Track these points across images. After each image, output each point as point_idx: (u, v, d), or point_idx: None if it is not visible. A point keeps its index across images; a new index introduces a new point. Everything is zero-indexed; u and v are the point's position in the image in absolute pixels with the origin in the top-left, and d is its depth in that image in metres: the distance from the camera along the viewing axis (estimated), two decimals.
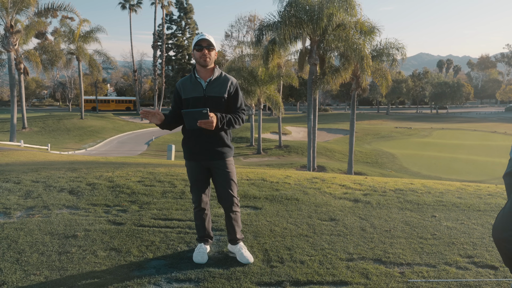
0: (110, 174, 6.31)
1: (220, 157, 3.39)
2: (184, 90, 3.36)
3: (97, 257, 3.43)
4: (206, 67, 3.33)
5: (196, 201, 3.50)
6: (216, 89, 3.34)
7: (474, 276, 3.24)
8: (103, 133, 42.29)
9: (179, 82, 3.44)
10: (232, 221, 3.48)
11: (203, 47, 3.28)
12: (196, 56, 3.31)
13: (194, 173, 3.46)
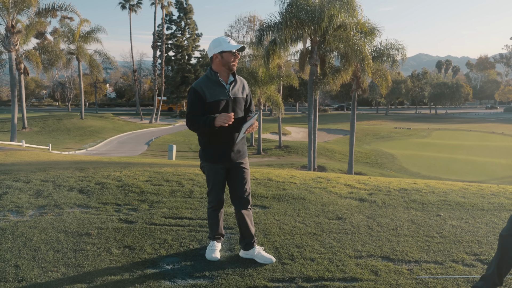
0: (118, 173, 6.38)
1: (244, 156, 3.51)
2: (209, 93, 3.30)
3: (111, 255, 3.50)
4: (231, 72, 3.38)
5: (214, 202, 3.52)
6: (238, 91, 3.42)
7: (481, 273, 3.32)
8: (103, 133, 42.32)
9: (198, 86, 3.32)
10: (247, 218, 3.49)
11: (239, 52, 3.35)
12: (228, 59, 3.31)
13: (218, 175, 3.43)
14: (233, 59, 3.32)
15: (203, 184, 5.77)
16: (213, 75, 3.36)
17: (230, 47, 3.28)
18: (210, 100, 3.30)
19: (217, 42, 3.34)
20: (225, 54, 3.31)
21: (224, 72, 3.39)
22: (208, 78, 3.38)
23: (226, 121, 3.18)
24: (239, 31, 61.78)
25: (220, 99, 3.31)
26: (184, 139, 41.25)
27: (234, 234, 4.05)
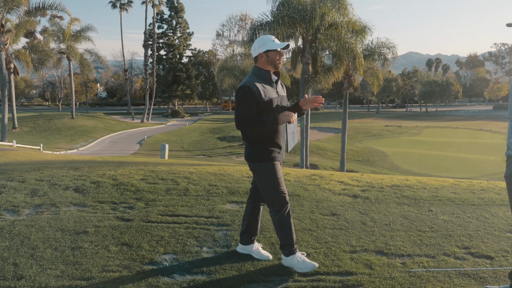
0: (112, 172, 6.40)
1: None
2: (264, 93, 3.23)
3: (109, 252, 3.54)
4: (277, 70, 3.38)
5: (285, 200, 3.29)
6: (282, 88, 3.47)
7: (472, 265, 3.41)
8: (95, 132, 42.10)
9: (252, 84, 3.20)
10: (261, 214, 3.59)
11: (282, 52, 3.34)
12: (274, 58, 3.29)
13: (280, 173, 3.34)
14: (279, 57, 3.32)
15: (198, 182, 5.82)
16: (263, 73, 3.32)
17: (275, 46, 3.27)
18: (265, 99, 3.22)
19: (261, 41, 3.31)
20: (271, 53, 3.28)
21: (269, 71, 3.36)
22: (258, 76, 3.31)
23: (289, 119, 3.16)
24: (230, 29, 61.78)
25: (273, 97, 3.28)
26: (176, 138, 41.18)
27: (230, 231, 4.10)
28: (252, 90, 3.19)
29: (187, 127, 51.40)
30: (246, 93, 3.19)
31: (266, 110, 3.23)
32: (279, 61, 3.33)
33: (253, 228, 3.55)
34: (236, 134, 41.46)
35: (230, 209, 4.76)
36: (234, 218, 4.43)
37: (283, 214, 3.28)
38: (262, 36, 3.37)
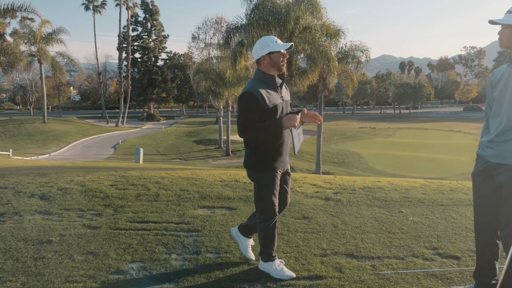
0: (81, 178, 6.23)
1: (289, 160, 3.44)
2: (269, 99, 3.10)
3: (74, 262, 3.42)
4: (281, 73, 3.23)
5: (274, 211, 3.24)
6: (286, 93, 3.32)
7: (439, 266, 3.45)
8: (67, 137, 41.16)
9: (256, 90, 3.07)
10: None
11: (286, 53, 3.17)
12: (277, 60, 3.13)
13: (276, 184, 3.24)
14: (282, 59, 3.16)
15: (170, 187, 5.73)
16: (268, 78, 3.17)
17: (278, 47, 3.09)
18: (269, 106, 3.09)
19: (263, 43, 3.13)
20: (274, 55, 3.12)
21: (272, 75, 3.21)
22: (261, 81, 3.16)
23: (293, 123, 3.06)
24: (206, 32, 61.49)
25: (277, 103, 3.15)
26: (152, 142, 40.68)
27: (201, 236, 4.03)
28: (256, 97, 3.05)
29: (162, 130, 50.85)
30: (250, 99, 3.05)
31: (271, 117, 3.11)
32: (283, 63, 3.16)
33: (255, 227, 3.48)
34: (213, 137, 41.28)
35: (201, 214, 4.70)
36: (205, 224, 4.36)
37: (269, 224, 3.25)
38: (263, 37, 3.18)
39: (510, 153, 2.64)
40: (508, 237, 2.72)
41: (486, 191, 2.84)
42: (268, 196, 3.21)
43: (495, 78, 2.81)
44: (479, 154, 2.92)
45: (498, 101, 2.73)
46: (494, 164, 2.74)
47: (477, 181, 2.92)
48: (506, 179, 2.65)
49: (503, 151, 2.67)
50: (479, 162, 2.91)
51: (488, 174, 2.82)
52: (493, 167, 2.75)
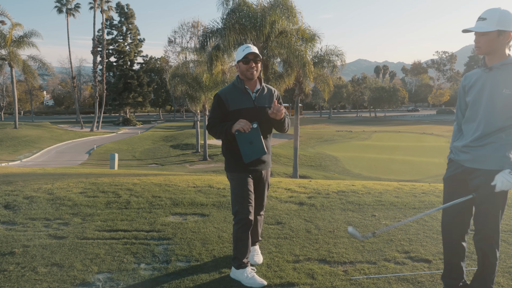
0: (49, 186, 6.03)
1: (269, 165, 3.47)
2: (232, 102, 3.26)
3: (37, 274, 3.28)
4: (252, 80, 3.30)
5: (246, 214, 3.23)
6: (265, 100, 3.34)
7: (411, 270, 3.46)
8: (40, 143, 40.11)
9: (223, 91, 3.30)
10: (259, 223, 3.61)
11: (250, 59, 3.23)
12: (243, 68, 3.25)
13: (246, 185, 3.28)
14: (247, 67, 3.23)
15: (141, 194, 5.60)
16: (239, 83, 3.31)
17: (238, 57, 3.25)
18: (233, 109, 3.26)
19: (238, 50, 3.28)
20: (239, 64, 3.27)
21: (248, 80, 3.31)
22: (234, 86, 3.33)
23: (239, 127, 3.14)
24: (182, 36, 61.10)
25: (243, 108, 3.26)
26: (128, 147, 40.06)
27: (171, 245, 3.94)
28: (220, 98, 3.27)
29: (139, 135, 50.16)
30: (215, 100, 3.30)
31: (235, 120, 3.22)
32: (249, 72, 3.23)
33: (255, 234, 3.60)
34: (190, 142, 40.96)
35: (172, 221, 4.60)
36: (176, 231, 4.27)
37: (240, 228, 3.25)
38: (242, 45, 3.32)
39: (485, 158, 2.65)
40: (481, 242, 2.73)
41: (458, 195, 2.84)
42: (239, 198, 3.26)
43: (468, 82, 2.81)
44: (452, 158, 2.91)
45: (472, 106, 2.73)
46: (469, 169, 2.74)
47: (449, 186, 2.93)
48: (482, 184, 2.65)
49: (479, 156, 2.68)
50: (451, 166, 2.92)
51: (461, 178, 2.83)
52: (468, 171, 2.75)
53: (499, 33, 2.56)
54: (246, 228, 3.25)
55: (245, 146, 3.20)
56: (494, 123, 2.62)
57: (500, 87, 2.59)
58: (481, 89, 2.68)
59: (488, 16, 2.57)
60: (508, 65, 2.60)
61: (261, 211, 3.59)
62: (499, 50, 2.60)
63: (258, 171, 3.37)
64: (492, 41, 2.58)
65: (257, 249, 3.66)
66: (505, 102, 2.57)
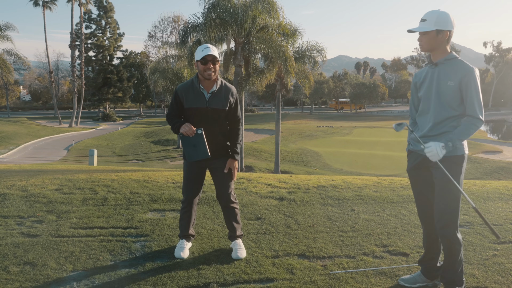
0: (23, 183, 5.87)
1: (219, 157, 3.52)
2: (186, 99, 3.41)
3: (9, 273, 3.19)
4: (210, 80, 3.36)
5: (185, 197, 3.64)
6: (219, 102, 3.40)
7: (389, 263, 3.48)
8: (16, 139, 39.16)
9: (181, 88, 3.44)
10: (230, 215, 3.67)
11: (208, 61, 3.29)
12: (200, 68, 3.33)
13: (190, 173, 3.58)
14: (204, 68, 3.30)
15: (119, 190, 5.50)
16: (195, 82, 3.42)
17: (197, 57, 3.33)
18: (187, 106, 3.42)
19: (197, 50, 3.35)
20: (198, 63, 3.35)
21: (205, 80, 3.38)
22: (192, 83, 3.44)
23: (183, 131, 3.32)
24: (163, 31, 60.36)
25: (196, 107, 3.40)
26: (108, 143, 39.47)
27: (149, 241, 3.88)
28: (177, 94, 3.44)
29: (119, 131, 49.46)
30: (173, 95, 3.49)
31: (190, 117, 3.43)
32: (207, 72, 3.31)
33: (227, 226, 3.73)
34: (171, 138, 40.61)
35: (150, 218, 4.53)
36: (154, 228, 4.20)
37: (181, 208, 3.70)
38: (200, 46, 3.39)
39: None
40: (443, 229, 2.87)
41: (423, 182, 3.06)
42: (183, 183, 3.66)
43: (418, 79, 3.07)
44: (411, 150, 3.13)
45: (424, 99, 2.97)
46: (427, 157, 2.89)
47: (413, 176, 3.14)
48: (440, 171, 2.82)
49: None
50: (411, 157, 3.13)
51: (423, 166, 3.02)
52: (428, 160, 2.93)
53: (438, 32, 2.81)
54: (184, 209, 3.66)
55: (189, 148, 3.39)
56: (443, 113, 2.85)
57: (445, 80, 2.83)
58: (429, 83, 2.93)
59: (428, 17, 2.82)
60: (450, 60, 2.85)
61: (227, 202, 3.62)
62: (439, 47, 2.86)
63: (202, 163, 3.53)
64: (431, 39, 2.83)
65: (239, 243, 3.65)
66: (451, 93, 2.81)
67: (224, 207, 3.66)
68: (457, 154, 2.82)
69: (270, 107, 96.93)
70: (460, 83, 2.77)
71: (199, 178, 3.62)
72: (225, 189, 3.58)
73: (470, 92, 2.75)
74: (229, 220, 3.68)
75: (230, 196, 3.62)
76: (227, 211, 3.66)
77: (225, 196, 3.61)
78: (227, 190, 3.60)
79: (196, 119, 3.42)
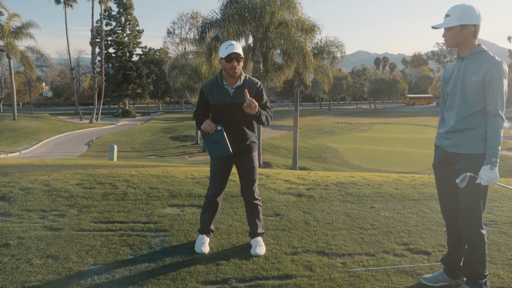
0: (46, 177, 5.98)
1: (245, 153, 3.54)
2: (211, 96, 3.46)
3: (32, 266, 3.25)
4: (234, 77, 3.39)
5: (210, 193, 3.67)
6: (243, 96, 3.39)
7: (410, 262, 3.42)
8: (39, 134, 40.02)
9: (205, 85, 3.49)
10: (252, 212, 3.67)
11: (233, 58, 3.30)
12: (225, 66, 3.34)
13: (215, 168, 3.61)
14: (230, 66, 3.31)
15: (138, 185, 5.55)
16: (219, 79, 3.46)
17: (221, 54, 3.32)
18: (212, 103, 3.46)
19: (221, 47, 3.35)
20: (222, 61, 3.35)
21: (228, 77, 3.41)
22: (216, 80, 3.47)
23: (202, 127, 3.36)
24: (182, 27, 60.72)
25: (221, 103, 3.43)
26: (127, 138, 39.99)
27: (168, 236, 3.90)
28: (202, 92, 3.49)
29: (138, 127, 50.07)
30: (200, 93, 3.53)
31: (215, 113, 3.47)
32: (232, 69, 3.32)
33: (249, 223, 3.73)
34: (189, 134, 40.89)
35: (170, 213, 4.56)
36: (173, 223, 4.23)
37: (204, 202, 3.73)
38: (225, 42, 3.41)
39: (465, 143, 2.81)
40: (467, 225, 2.83)
41: (448, 179, 3.01)
42: (210, 176, 3.67)
43: (447, 74, 3.01)
44: (437, 144, 3.08)
45: (451, 94, 2.93)
46: (451, 154, 2.90)
47: (438, 171, 3.10)
48: (462, 168, 2.80)
49: (459, 141, 2.84)
50: (437, 152, 3.09)
51: (447, 162, 2.98)
52: (451, 156, 2.91)
53: (462, 27, 2.75)
54: (206, 204, 3.70)
55: (210, 145, 3.40)
56: (466, 109, 2.79)
57: (470, 75, 2.77)
58: (456, 78, 2.88)
59: (451, 12, 2.78)
60: (476, 54, 2.79)
61: (251, 199, 3.63)
62: (466, 42, 2.79)
63: (228, 158, 3.54)
64: (456, 35, 2.78)
65: (259, 240, 3.65)
66: (474, 88, 2.74)
67: (247, 203, 3.67)
68: (480, 152, 2.76)
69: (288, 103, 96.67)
70: (484, 77, 2.69)
71: (225, 173, 3.63)
72: (250, 185, 3.60)
73: (494, 86, 2.67)
74: (251, 217, 3.68)
75: (254, 193, 3.63)
76: (249, 207, 3.67)
77: (249, 192, 3.61)
78: (252, 186, 3.61)
79: (222, 115, 3.45)
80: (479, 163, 2.75)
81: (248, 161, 3.58)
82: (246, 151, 3.56)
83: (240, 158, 3.57)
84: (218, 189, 3.65)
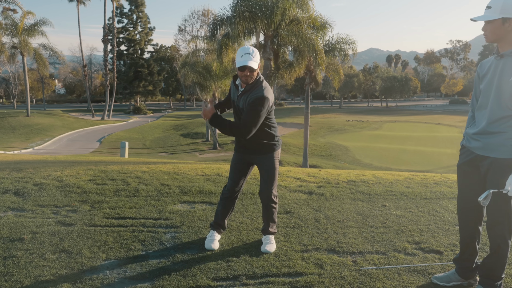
0: (59, 173, 6.05)
1: (262, 154, 3.58)
2: (232, 90, 3.63)
3: (45, 260, 3.29)
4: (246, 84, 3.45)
5: (227, 186, 3.74)
6: (244, 100, 3.44)
7: (421, 261, 3.40)
8: (52, 131, 40.51)
9: (233, 78, 3.62)
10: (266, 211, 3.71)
11: (246, 68, 3.33)
12: (239, 74, 3.40)
13: (234, 163, 3.71)
14: (242, 74, 3.35)
15: (150, 182, 5.59)
16: (234, 79, 3.61)
17: (236, 61, 3.37)
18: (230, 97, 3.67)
19: (238, 51, 3.39)
20: (237, 68, 3.38)
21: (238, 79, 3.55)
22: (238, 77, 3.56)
23: (203, 115, 3.42)
24: (193, 25, 60.90)
25: (233, 100, 3.59)
26: (138, 135, 40.28)
27: (179, 233, 3.92)
28: (231, 84, 3.66)
29: (149, 124, 50.40)
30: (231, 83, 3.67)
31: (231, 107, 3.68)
32: (243, 78, 3.35)
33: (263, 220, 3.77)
34: (200, 131, 41.04)
35: (181, 209, 4.58)
36: (184, 219, 4.25)
37: (221, 194, 3.79)
38: (242, 48, 3.40)
39: (495, 146, 2.64)
40: (492, 228, 2.75)
41: (471, 181, 2.87)
42: (230, 170, 3.77)
43: (482, 70, 2.80)
44: (464, 144, 2.93)
45: (484, 93, 2.73)
46: (479, 156, 2.76)
47: (462, 172, 2.95)
48: (491, 171, 2.67)
49: (489, 144, 2.67)
50: (464, 153, 2.93)
51: (474, 164, 2.84)
52: (478, 159, 2.77)
53: (504, 21, 2.54)
54: (222, 197, 3.76)
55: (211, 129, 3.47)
56: (499, 111, 2.61)
57: (508, 75, 2.55)
58: (492, 77, 2.67)
59: (493, 4, 2.56)
60: None
61: (267, 200, 3.63)
62: (507, 37, 2.58)
63: (247, 156, 3.64)
64: (497, 29, 2.57)
65: (270, 238, 3.66)
66: (511, 91, 2.54)
67: (263, 203, 3.70)
68: (510, 157, 2.60)
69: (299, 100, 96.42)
70: None
71: (242, 170, 3.69)
72: (266, 186, 3.60)
73: None
74: (266, 216, 3.72)
75: (271, 194, 3.63)
76: (265, 208, 3.70)
77: (265, 194, 3.63)
78: (267, 187, 3.61)
79: (234, 111, 3.58)
80: (508, 168, 2.59)
81: (265, 161, 3.58)
82: (261, 152, 3.57)
83: (257, 158, 3.61)
84: (232, 184, 3.70)
